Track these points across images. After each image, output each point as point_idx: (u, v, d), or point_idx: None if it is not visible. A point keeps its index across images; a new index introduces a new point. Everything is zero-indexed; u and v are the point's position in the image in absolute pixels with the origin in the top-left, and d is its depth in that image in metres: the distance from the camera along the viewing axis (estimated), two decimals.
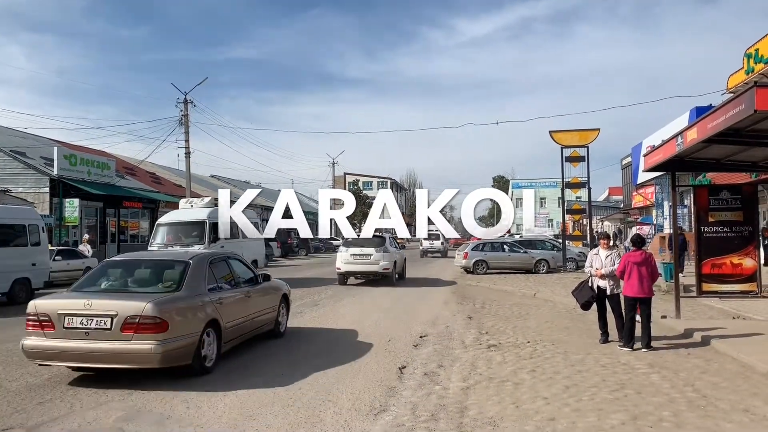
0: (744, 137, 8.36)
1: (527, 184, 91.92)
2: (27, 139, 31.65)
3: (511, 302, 14.90)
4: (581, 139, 25.35)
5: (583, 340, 9.44)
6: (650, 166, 10.88)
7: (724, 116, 7.12)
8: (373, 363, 7.93)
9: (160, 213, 37.25)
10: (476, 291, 17.89)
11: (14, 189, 26.42)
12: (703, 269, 11.19)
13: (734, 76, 21.76)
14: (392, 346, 9.06)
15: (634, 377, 6.96)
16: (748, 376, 6.96)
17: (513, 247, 25.65)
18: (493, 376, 7.10)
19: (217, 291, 7.86)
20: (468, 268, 24.48)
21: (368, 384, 6.84)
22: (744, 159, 10.53)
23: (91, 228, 30.18)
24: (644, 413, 5.56)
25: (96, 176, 30.41)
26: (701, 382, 6.70)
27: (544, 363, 7.78)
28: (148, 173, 41.94)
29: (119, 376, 6.82)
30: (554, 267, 24.47)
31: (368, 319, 12.05)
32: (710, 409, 5.70)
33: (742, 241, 11.04)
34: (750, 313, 10.95)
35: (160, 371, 6.73)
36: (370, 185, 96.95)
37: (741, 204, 11.09)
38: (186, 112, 33.86)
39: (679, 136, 8.97)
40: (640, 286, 8.45)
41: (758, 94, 6.22)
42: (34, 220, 16.33)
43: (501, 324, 11.23)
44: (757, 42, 20.14)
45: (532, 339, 9.54)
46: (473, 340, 9.57)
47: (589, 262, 9.43)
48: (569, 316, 12.13)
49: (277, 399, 6.22)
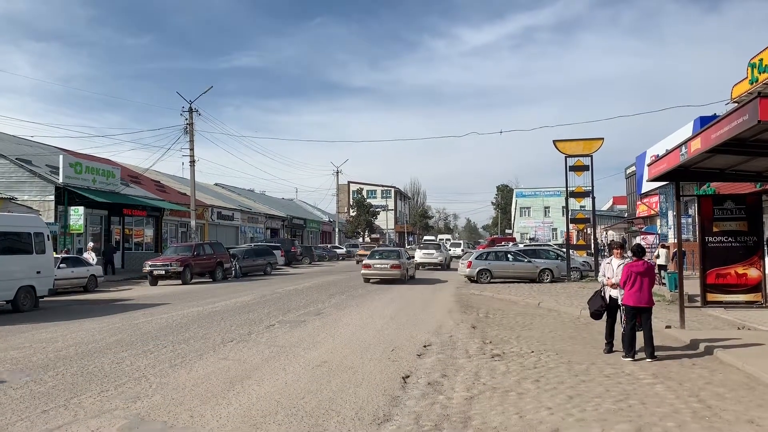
0: (748, 147, 8.37)
1: (531, 193, 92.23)
2: (33, 147, 31.83)
3: (515, 312, 14.87)
4: (585, 149, 25.36)
5: (588, 350, 9.41)
6: (654, 175, 10.88)
7: (728, 126, 7.14)
8: (376, 372, 7.92)
9: (165, 221, 37.47)
10: (480, 300, 17.86)
11: (20, 197, 26.54)
12: (708, 279, 11.17)
13: (738, 86, 21.75)
14: (396, 355, 9.05)
15: (638, 387, 6.94)
16: (753, 386, 6.94)
17: (517, 256, 25.60)
18: (497, 386, 7.08)
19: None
20: (472, 277, 24.43)
21: (372, 393, 6.84)
22: (748, 169, 10.53)
23: (95, 236, 30.28)
24: (648, 424, 5.54)
25: (101, 184, 30.53)
26: (706, 392, 6.68)
27: (548, 373, 7.76)
28: (153, 181, 42.09)
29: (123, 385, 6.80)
30: (558, 276, 24.40)
31: (371, 327, 12.04)
32: (715, 420, 5.68)
33: (747, 251, 11.03)
34: (755, 323, 10.91)
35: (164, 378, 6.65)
36: (374, 194, 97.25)
37: (745, 214, 11.09)
38: (191, 120, 34.00)
39: (683, 146, 8.98)
40: (641, 296, 8.44)
41: (762, 104, 6.24)
42: (39, 227, 16.41)
43: (505, 333, 11.20)
44: (761, 52, 20.13)
45: (536, 349, 9.51)
46: (477, 349, 9.55)
47: (602, 271, 9.43)
48: (573, 326, 12.10)
49: (280, 408, 6.22)
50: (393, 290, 21.43)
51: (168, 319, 13.09)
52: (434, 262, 34.99)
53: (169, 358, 8.78)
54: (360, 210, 77.80)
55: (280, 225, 59.76)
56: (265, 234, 54.31)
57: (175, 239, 38.00)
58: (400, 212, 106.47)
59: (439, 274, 31.66)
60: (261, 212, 56.19)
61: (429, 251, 35.65)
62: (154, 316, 13.55)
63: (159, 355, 9.00)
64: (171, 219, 38.60)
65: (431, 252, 36.02)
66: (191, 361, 8.63)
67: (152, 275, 24.40)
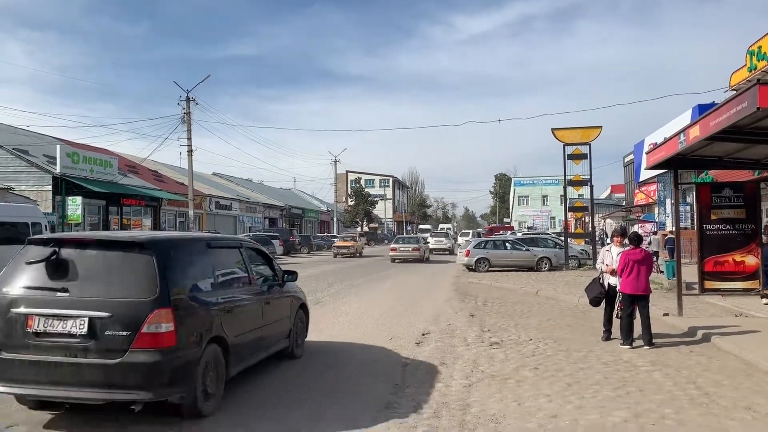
0: (746, 135, 8.36)
1: (529, 182, 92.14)
2: (29, 137, 31.67)
3: (514, 300, 14.91)
4: (583, 137, 25.32)
5: (586, 337, 9.44)
6: (652, 163, 10.87)
7: (727, 114, 7.11)
8: (375, 360, 7.94)
9: (163, 211, 37.42)
10: (478, 289, 17.89)
11: (17, 187, 26.45)
12: (706, 267, 11.19)
13: (737, 74, 21.71)
14: (395, 344, 9.07)
15: (636, 375, 6.97)
16: (750, 373, 6.97)
17: (515, 244, 25.59)
18: (496, 374, 7.11)
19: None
20: (470, 265, 24.45)
21: (371, 381, 6.86)
22: (746, 156, 10.53)
23: (93, 226, 30.23)
24: (646, 411, 5.57)
25: (99, 174, 30.44)
26: (703, 379, 6.71)
27: (546, 360, 7.79)
28: (150, 171, 42.00)
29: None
30: (556, 265, 24.42)
31: (370, 316, 12.06)
32: (712, 406, 5.71)
33: (745, 239, 11.04)
34: (752, 310, 10.94)
35: None
36: (372, 183, 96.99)
37: (743, 201, 11.09)
38: (188, 110, 33.84)
39: (682, 134, 8.96)
40: (638, 284, 8.46)
41: (761, 91, 6.22)
42: (37, 218, 16.36)
43: (503, 321, 11.23)
44: (759, 39, 20.07)
45: (535, 336, 9.54)
46: (475, 337, 9.58)
47: (601, 258, 9.45)
48: (571, 314, 12.13)
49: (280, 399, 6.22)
50: (392, 278, 21.49)
51: None
52: (443, 248, 42.32)
53: None
54: (358, 199, 77.69)
55: (278, 214, 59.73)
56: (263, 223, 54.28)
57: (173, 229, 37.96)
58: (399, 201, 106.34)
59: (447, 257, 37.25)
60: (259, 202, 56.13)
61: (439, 239, 44.24)
62: None
63: None
64: (169, 209, 38.54)
65: (441, 239, 44.13)
66: None
67: None
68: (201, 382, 5.34)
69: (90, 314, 4.95)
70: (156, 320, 4.94)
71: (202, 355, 5.36)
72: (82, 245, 5.47)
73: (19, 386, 5.06)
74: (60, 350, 4.96)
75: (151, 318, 4.93)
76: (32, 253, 5.37)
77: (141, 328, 4.90)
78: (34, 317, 5.04)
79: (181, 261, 5.54)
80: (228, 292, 6.15)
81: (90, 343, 4.92)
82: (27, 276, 5.29)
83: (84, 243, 5.55)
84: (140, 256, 5.25)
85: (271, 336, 7.11)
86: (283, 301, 7.63)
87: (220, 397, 5.70)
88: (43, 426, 5.29)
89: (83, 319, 4.95)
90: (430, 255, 35.28)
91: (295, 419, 5.50)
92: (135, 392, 4.91)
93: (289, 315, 7.75)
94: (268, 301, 7.03)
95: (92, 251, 5.41)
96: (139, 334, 4.90)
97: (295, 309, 8.01)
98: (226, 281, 6.33)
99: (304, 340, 8.42)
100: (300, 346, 8.12)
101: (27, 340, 5.03)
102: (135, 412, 5.05)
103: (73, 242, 5.51)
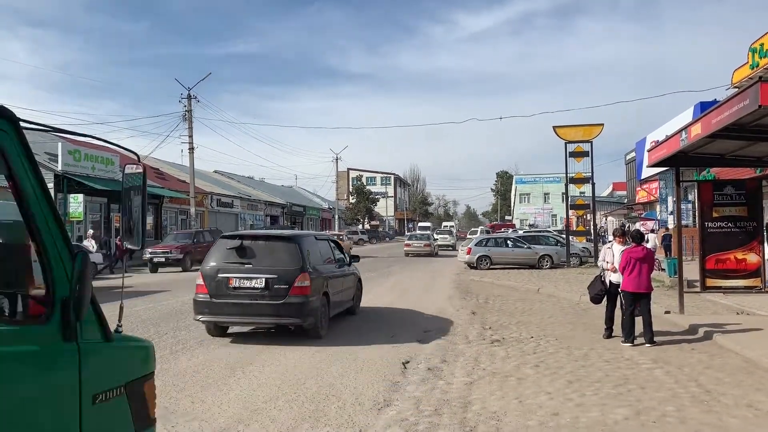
0: (748, 132, 8.35)
1: (531, 179, 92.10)
2: (31, 134, 31.57)
3: (515, 298, 14.91)
4: (585, 135, 25.31)
5: (587, 335, 9.45)
6: (654, 161, 10.86)
7: (729, 111, 7.11)
8: (376, 358, 7.94)
9: (165, 209, 37.44)
10: (479, 286, 17.89)
11: None
12: (707, 264, 11.19)
13: (739, 71, 21.64)
14: (396, 341, 9.08)
15: (637, 372, 6.97)
16: (751, 371, 6.97)
17: (516, 242, 25.59)
18: (497, 371, 7.11)
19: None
20: (471, 263, 24.45)
21: (372, 379, 6.87)
22: (748, 154, 10.51)
23: (95, 224, 30.26)
24: (648, 408, 5.57)
25: (100, 171, 30.44)
26: (705, 377, 6.71)
27: (547, 358, 7.80)
28: (152, 169, 41.91)
29: None
30: (558, 262, 24.42)
31: (371, 313, 12.06)
32: (714, 404, 5.71)
33: (747, 236, 11.04)
34: (754, 308, 10.93)
35: (165, 364, 6.71)
36: (374, 181, 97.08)
37: (745, 199, 11.09)
38: (190, 107, 33.83)
39: (684, 132, 8.96)
40: (640, 282, 8.45)
41: (763, 89, 6.21)
42: None
43: (504, 319, 11.24)
44: (761, 36, 20.00)
45: (536, 334, 9.55)
46: (477, 335, 9.59)
47: (602, 256, 9.45)
48: (573, 312, 12.13)
49: (281, 394, 6.25)
50: (396, 275, 21.50)
51: (168, 306, 13.11)
52: (448, 244, 46.70)
53: (170, 345, 8.81)
54: (360, 197, 77.69)
55: (279, 212, 59.71)
56: (264, 221, 54.25)
57: (174, 226, 37.96)
58: (400, 199, 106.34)
59: (450, 252, 40.81)
60: (260, 199, 56.12)
61: (444, 235, 49.00)
62: (154, 303, 13.56)
63: (160, 342, 9.01)
64: (171, 206, 38.54)
65: (446, 236, 49.07)
66: (192, 347, 8.66)
67: (152, 262, 24.38)
68: (320, 316, 9.03)
69: (265, 276, 8.63)
70: (301, 279, 8.61)
71: (320, 301, 9.07)
72: (256, 238, 9.37)
73: (225, 317, 8.91)
74: (248, 297, 8.67)
75: (299, 278, 8.60)
76: (227, 243, 9.18)
77: (294, 283, 8.56)
78: (232, 278, 8.71)
79: (309, 247, 9.31)
80: (327, 267, 9.95)
81: (265, 293, 8.60)
82: (226, 255, 8.98)
83: (257, 237, 9.52)
84: (290, 244, 9.01)
85: (347, 297, 10.99)
86: (351, 276, 11.44)
87: (327, 327, 9.44)
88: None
89: (261, 279, 8.64)
90: (438, 250, 39.36)
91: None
92: (291, 319, 8.69)
93: (352, 285, 11.49)
94: (344, 275, 10.89)
95: (262, 242, 9.26)
96: (292, 287, 8.55)
97: (356, 281, 11.87)
98: (326, 260, 10.13)
99: (359, 304, 12.09)
100: (357, 306, 11.89)
101: (228, 291, 8.70)
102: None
103: (250, 237, 9.40)
